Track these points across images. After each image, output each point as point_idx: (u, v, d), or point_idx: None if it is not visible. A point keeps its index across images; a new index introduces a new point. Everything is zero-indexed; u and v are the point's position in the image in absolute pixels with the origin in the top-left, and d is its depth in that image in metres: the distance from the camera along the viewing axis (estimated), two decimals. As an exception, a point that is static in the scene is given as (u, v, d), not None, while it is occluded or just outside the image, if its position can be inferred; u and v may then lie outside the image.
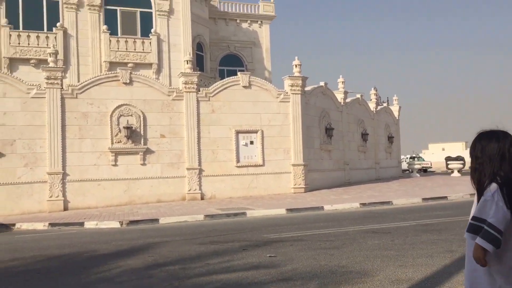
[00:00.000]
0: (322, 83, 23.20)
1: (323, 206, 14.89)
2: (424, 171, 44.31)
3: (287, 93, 20.31)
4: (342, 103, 25.11)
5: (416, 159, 47.30)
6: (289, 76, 20.48)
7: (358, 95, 27.70)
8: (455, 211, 12.31)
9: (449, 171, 38.27)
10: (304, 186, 20.05)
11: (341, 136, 24.64)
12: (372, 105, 29.25)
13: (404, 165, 40.04)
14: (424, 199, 16.03)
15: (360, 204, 15.20)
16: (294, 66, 20.78)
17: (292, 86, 20.33)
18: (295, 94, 20.36)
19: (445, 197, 16.45)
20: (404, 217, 11.71)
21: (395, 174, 31.92)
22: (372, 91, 30.22)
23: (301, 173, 20.12)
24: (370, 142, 28.09)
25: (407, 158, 47.82)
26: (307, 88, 21.49)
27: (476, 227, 2.81)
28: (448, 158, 43.50)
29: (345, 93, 25.64)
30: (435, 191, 19.04)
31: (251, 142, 19.73)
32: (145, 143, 18.08)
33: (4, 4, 21.84)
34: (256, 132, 19.74)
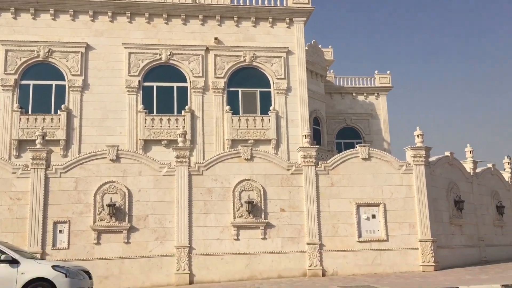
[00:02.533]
0: (447, 153, 21.97)
1: (458, 287, 13.53)
2: None
3: (409, 164, 19.51)
4: (471, 174, 23.40)
5: None
6: (411, 147, 19.74)
7: (490, 165, 25.66)
8: None
9: None
10: (433, 264, 18.54)
11: (473, 209, 22.73)
12: (506, 175, 26.82)
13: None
14: None
15: (503, 285, 13.54)
16: (416, 136, 20.05)
17: (414, 157, 19.52)
18: (419, 165, 19.46)
19: None
20: (560, 303, 10.14)
21: (541, 252, 28.25)
22: (506, 160, 27.82)
23: (430, 250, 18.70)
24: (508, 216, 25.46)
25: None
26: (431, 159, 20.46)
27: None
28: None
29: (474, 163, 23.95)
30: None
31: (373, 216, 18.99)
32: (265, 217, 18.28)
33: (141, 93, 24.46)
34: (377, 205, 19.01)
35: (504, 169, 27.23)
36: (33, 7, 24.12)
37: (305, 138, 19.75)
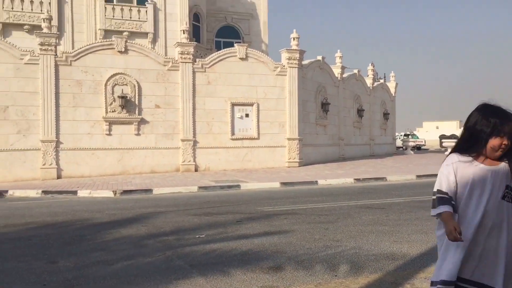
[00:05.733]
0: (319, 57, 22.96)
1: (317, 181, 14.89)
2: (418, 148, 44.46)
3: (284, 66, 20.09)
4: (339, 78, 24.93)
5: (410, 136, 47.38)
6: (287, 49, 20.22)
7: (355, 71, 27.49)
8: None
9: (443, 149, 38.43)
10: (298, 161, 20.05)
11: (337, 111, 24.54)
12: (369, 81, 29.08)
13: (398, 142, 40.12)
14: (418, 176, 16.07)
15: (355, 179, 15.22)
16: (292, 39, 20.50)
17: (289, 59, 20.10)
18: (292, 67, 20.15)
19: (439, 175, 16.49)
20: (398, 193, 11.74)
21: (389, 151, 32.00)
22: (370, 67, 29.99)
23: (296, 147, 20.09)
24: (366, 118, 28.03)
25: (401, 135, 47.90)
26: (305, 62, 21.27)
27: None
28: (442, 136, 43.77)
29: (342, 68, 25.44)
30: (428, 168, 19.09)
31: (247, 115, 19.61)
32: (139, 113, 17.92)
33: (-4, -34, 21.25)
34: (251, 105, 19.59)
35: (368, 76, 29.43)
36: None
37: (184, 33, 19.12)
